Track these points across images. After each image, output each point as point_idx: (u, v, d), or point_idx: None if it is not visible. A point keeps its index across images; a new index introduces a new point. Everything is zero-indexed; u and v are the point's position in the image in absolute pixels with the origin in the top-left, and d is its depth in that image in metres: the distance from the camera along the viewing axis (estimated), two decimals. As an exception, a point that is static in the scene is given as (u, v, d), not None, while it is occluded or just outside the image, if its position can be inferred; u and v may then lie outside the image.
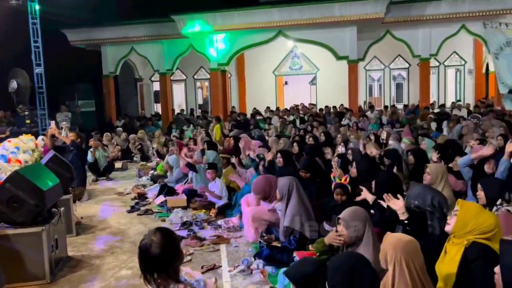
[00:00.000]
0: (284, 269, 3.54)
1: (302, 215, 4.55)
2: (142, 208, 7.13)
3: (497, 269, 2.03)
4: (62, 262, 4.82)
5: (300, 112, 15.78)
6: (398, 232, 3.21)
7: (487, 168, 4.80)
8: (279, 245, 4.72)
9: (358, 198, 4.27)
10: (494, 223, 2.69)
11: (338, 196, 4.60)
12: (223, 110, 16.50)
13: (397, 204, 3.41)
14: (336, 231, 3.22)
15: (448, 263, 2.74)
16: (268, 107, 17.62)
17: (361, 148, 6.15)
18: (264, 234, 5.05)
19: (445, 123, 11.16)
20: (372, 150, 6.52)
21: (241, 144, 7.93)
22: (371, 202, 4.14)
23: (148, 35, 16.44)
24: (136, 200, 7.66)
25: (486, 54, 16.67)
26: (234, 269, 4.42)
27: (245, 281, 4.18)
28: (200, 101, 21.36)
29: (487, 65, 17.99)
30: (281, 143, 8.02)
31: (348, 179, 4.70)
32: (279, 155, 6.37)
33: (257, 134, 10.35)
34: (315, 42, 15.14)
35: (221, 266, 4.59)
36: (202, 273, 4.23)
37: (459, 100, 17.71)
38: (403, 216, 3.35)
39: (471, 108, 14.97)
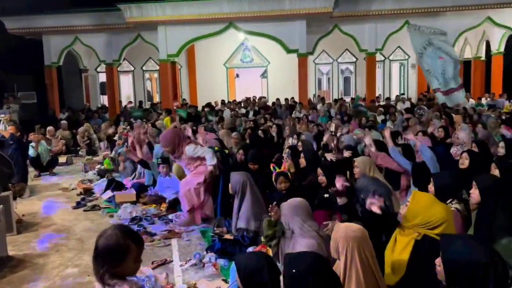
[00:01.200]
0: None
1: (257, 215, 4.55)
2: (89, 204, 6.87)
3: (438, 261, 2.09)
4: (2, 262, 4.55)
5: (256, 105, 15.83)
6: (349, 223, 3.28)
7: (418, 157, 5.04)
8: (231, 237, 4.72)
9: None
10: (445, 217, 2.73)
11: (282, 184, 4.66)
12: (176, 99, 16.18)
13: (342, 186, 3.47)
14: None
15: (399, 253, 2.80)
16: (223, 100, 17.52)
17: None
18: (215, 228, 5.03)
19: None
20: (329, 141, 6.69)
21: (199, 137, 7.82)
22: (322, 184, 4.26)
23: (94, 24, 15.79)
24: (82, 196, 7.37)
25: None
26: (186, 263, 4.37)
27: (197, 275, 4.14)
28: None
29: (429, 60, 18.84)
30: (233, 136, 8.00)
31: (287, 167, 4.80)
32: (241, 151, 6.35)
33: (208, 127, 10.27)
34: (266, 35, 15.20)
35: (172, 261, 4.52)
36: (153, 268, 4.15)
37: (403, 93, 18.47)
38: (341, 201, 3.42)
39: (413, 101, 15.66)
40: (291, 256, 2.26)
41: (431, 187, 3.61)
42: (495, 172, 4.05)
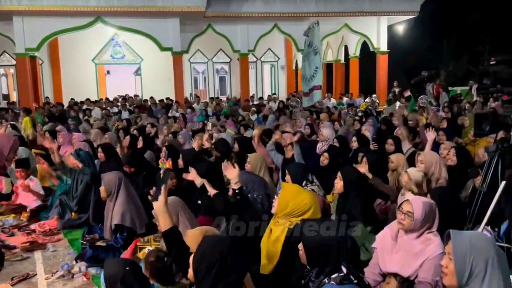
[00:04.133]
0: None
1: (132, 212, 4.39)
2: None
3: (300, 245, 2.36)
4: None
5: (129, 104, 15.15)
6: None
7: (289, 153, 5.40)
8: (104, 244, 4.46)
9: (187, 176, 4.32)
10: (311, 202, 2.98)
11: (170, 180, 4.58)
12: (35, 101, 14.69)
13: (232, 173, 3.49)
14: None
15: (273, 242, 2.95)
16: (88, 99, 16.35)
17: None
18: (86, 235, 4.71)
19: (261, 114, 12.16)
20: (205, 142, 6.66)
21: (59, 140, 7.20)
22: (198, 186, 4.23)
23: None
24: None
25: (295, 52, 18.68)
26: (52, 276, 4.01)
27: (66, 287, 3.83)
28: (4, 91, 18.61)
29: (296, 62, 20.21)
30: (106, 137, 7.56)
31: (171, 164, 4.74)
32: (100, 149, 6.00)
33: (73, 128, 9.57)
34: (138, 31, 14.72)
35: (36, 275, 4.11)
36: (13, 285, 3.74)
37: (275, 93, 19.44)
38: (236, 185, 3.43)
39: (284, 100, 16.58)
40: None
41: (287, 177, 3.91)
42: (362, 166, 4.56)
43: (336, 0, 16.07)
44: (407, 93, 15.85)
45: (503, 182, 2.74)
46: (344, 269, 2.25)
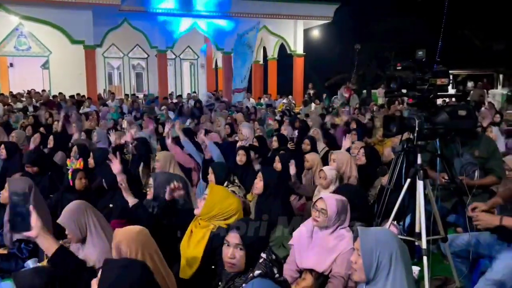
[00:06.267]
0: (8, 280, 3.07)
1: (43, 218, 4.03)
2: None
3: (237, 253, 2.28)
4: None
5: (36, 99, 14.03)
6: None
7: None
8: (5, 252, 4.08)
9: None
10: (238, 207, 2.95)
11: (79, 181, 4.27)
12: None
13: (116, 168, 3.40)
14: None
15: (195, 245, 2.86)
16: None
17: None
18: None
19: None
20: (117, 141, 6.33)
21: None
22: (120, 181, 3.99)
23: None
24: None
25: (215, 51, 18.66)
26: None
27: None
28: None
29: (216, 61, 20.20)
30: (13, 136, 6.90)
31: (82, 163, 4.45)
32: (2, 146, 5.49)
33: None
34: (46, 22, 13.72)
35: None
36: None
37: (194, 92, 19.24)
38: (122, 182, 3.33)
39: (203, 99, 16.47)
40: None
41: (210, 175, 3.89)
42: (278, 165, 4.70)
43: (255, 2, 16.32)
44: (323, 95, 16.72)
45: (408, 180, 2.94)
46: (264, 255, 2.24)
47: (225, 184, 3.89)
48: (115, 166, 3.57)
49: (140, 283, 1.84)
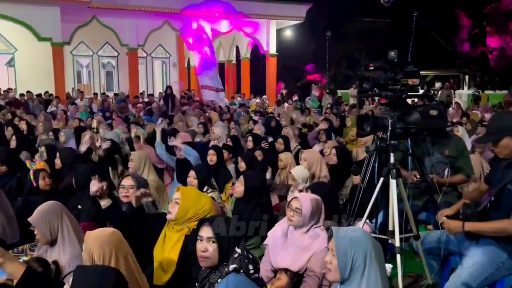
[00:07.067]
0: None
1: (2, 221, 3.88)
2: None
3: (209, 247, 2.27)
4: None
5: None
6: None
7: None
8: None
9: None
10: (211, 207, 2.92)
11: (43, 181, 4.10)
12: None
13: (94, 187, 3.12)
14: None
15: (169, 250, 2.79)
16: None
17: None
18: None
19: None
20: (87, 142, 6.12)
21: None
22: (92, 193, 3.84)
23: None
24: None
25: (187, 50, 18.49)
26: None
27: None
28: None
29: (188, 59, 20.02)
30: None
31: (42, 164, 4.30)
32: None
33: None
34: (11, 18, 13.26)
35: None
36: None
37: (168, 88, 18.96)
38: (102, 201, 3.15)
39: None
40: None
41: (192, 180, 3.82)
42: (242, 164, 4.67)
43: (227, 1, 16.27)
44: (295, 97, 16.84)
45: (381, 179, 2.98)
46: (238, 250, 2.23)
47: (205, 188, 3.79)
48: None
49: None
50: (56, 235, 2.72)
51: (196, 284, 2.38)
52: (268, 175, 4.70)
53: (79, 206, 3.69)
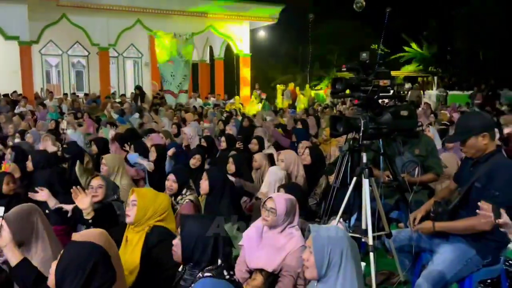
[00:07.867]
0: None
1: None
2: None
3: (175, 242, 2.33)
4: None
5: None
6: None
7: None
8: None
9: (35, 197, 3.72)
10: (168, 203, 2.94)
11: (6, 186, 3.94)
12: None
13: (84, 203, 3.08)
14: None
15: (132, 252, 2.77)
16: None
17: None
18: None
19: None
20: (48, 145, 5.89)
21: None
22: (52, 208, 3.70)
23: None
24: None
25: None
26: None
27: None
28: None
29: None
30: None
31: (6, 166, 4.17)
32: None
33: None
34: (-25, 16, 12.80)
35: None
36: None
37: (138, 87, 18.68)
38: (88, 215, 3.07)
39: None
40: None
41: (171, 184, 3.79)
42: (232, 166, 4.68)
43: (202, 1, 16.19)
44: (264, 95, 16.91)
45: (354, 179, 3.02)
46: (219, 261, 2.25)
47: (184, 190, 3.75)
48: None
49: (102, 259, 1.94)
50: (26, 237, 2.65)
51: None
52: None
53: (47, 211, 3.58)
